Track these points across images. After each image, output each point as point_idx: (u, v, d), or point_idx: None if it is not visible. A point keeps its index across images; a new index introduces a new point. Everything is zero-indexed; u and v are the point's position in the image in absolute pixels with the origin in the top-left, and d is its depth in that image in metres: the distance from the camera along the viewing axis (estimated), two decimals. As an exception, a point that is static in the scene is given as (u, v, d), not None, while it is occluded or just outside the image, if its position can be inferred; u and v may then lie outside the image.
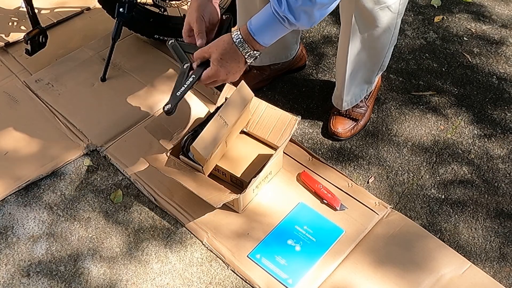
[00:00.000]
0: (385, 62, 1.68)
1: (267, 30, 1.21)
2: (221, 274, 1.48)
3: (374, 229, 1.55)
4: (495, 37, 2.19)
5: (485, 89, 1.98)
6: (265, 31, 1.21)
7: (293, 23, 1.17)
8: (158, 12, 2.01)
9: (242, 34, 1.23)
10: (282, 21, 1.17)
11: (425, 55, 2.12)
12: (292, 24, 1.17)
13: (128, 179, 1.69)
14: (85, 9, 2.28)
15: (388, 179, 1.70)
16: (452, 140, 1.81)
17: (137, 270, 1.49)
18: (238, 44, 1.23)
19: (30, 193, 1.66)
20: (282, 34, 1.22)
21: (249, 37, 1.22)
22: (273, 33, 1.21)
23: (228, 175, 1.60)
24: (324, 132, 1.83)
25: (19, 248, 1.54)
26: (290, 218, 1.57)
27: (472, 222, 1.60)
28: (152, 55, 2.08)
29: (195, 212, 1.58)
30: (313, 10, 1.13)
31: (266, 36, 1.22)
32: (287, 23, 1.17)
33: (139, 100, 1.90)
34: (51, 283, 1.47)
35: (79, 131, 1.81)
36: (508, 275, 1.48)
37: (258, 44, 1.23)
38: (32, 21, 1.88)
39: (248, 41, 1.23)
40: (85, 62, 2.05)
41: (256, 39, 1.22)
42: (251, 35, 1.21)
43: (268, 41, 1.23)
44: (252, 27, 1.22)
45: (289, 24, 1.17)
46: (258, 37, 1.21)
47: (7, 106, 1.90)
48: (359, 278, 1.45)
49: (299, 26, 1.18)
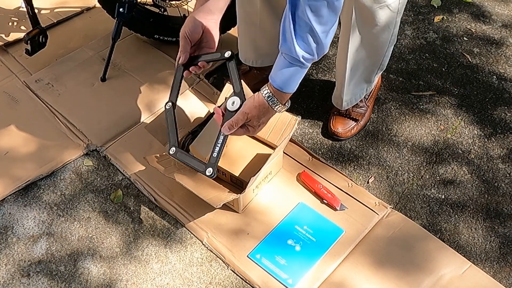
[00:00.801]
0: (384, 62, 1.68)
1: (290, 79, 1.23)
2: (221, 274, 1.48)
3: (374, 229, 1.55)
4: (495, 37, 2.19)
5: (485, 89, 1.98)
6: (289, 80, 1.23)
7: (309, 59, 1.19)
8: (158, 12, 2.01)
9: (272, 93, 1.26)
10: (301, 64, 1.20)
11: (425, 55, 2.12)
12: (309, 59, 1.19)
13: (128, 179, 1.69)
14: (85, 9, 2.28)
15: (388, 179, 1.70)
16: (452, 140, 1.81)
17: (137, 270, 1.49)
18: (271, 104, 1.27)
19: (30, 193, 1.66)
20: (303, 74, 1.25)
21: (279, 93, 1.25)
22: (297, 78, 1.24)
23: (228, 175, 1.60)
24: (324, 132, 1.83)
25: (19, 248, 1.54)
26: (290, 218, 1.57)
27: (472, 222, 1.60)
28: (152, 55, 2.08)
29: (195, 212, 1.58)
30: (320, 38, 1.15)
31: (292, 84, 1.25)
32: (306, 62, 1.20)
33: (139, 100, 1.90)
34: (51, 283, 1.47)
35: (79, 131, 1.81)
36: (508, 275, 1.48)
37: (287, 94, 1.27)
38: (32, 21, 1.88)
39: (279, 96, 1.26)
40: (85, 62, 2.05)
41: (284, 91, 1.25)
42: (279, 90, 1.25)
43: (295, 88, 1.26)
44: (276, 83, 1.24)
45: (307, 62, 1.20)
46: (286, 88, 1.24)
47: (7, 106, 1.90)
48: (359, 278, 1.45)
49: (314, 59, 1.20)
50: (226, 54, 1.41)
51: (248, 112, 1.30)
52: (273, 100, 1.26)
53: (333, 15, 1.13)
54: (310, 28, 1.13)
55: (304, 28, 1.13)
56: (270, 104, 1.27)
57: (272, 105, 1.27)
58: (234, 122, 1.31)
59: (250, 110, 1.30)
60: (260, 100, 1.27)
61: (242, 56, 1.85)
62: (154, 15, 2.02)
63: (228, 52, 1.41)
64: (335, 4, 1.10)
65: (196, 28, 1.39)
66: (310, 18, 1.11)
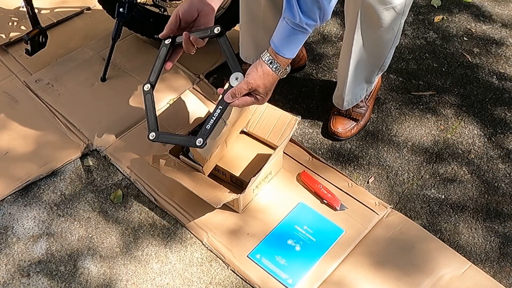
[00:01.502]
0: (386, 63, 1.68)
1: (291, 43, 1.25)
2: (221, 274, 1.48)
3: (374, 229, 1.55)
4: (495, 37, 2.19)
5: (485, 89, 1.98)
6: (289, 44, 1.25)
7: (312, 25, 1.20)
8: (158, 12, 2.01)
9: (274, 59, 1.27)
10: (303, 30, 1.21)
11: (425, 55, 2.12)
12: (312, 25, 1.20)
13: (128, 179, 1.69)
14: (85, 9, 2.28)
15: (388, 179, 1.70)
16: (452, 140, 1.81)
17: (137, 270, 1.49)
18: (270, 65, 1.27)
19: (30, 193, 1.66)
20: (304, 40, 1.26)
21: (280, 58, 1.26)
22: (297, 43, 1.25)
23: (228, 175, 1.60)
24: (324, 132, 1.83)
25: (19, 248, 1.54)
26: (290, 218, 1.57)
27: (472, 222, 1.60)
28: (152, 55, 2.08)
29: (195, 212, 1.58)
30: (323, 3, 1.16)
31: (292, 48, 1.26)
32: (308, 28, 1.21)
33: (139, 100, 1.90)
34: (51, 283, 1.47)
35: (79, 131, 1.81)
36: (508, 275, 1.48)
37: (286, 59, 1.27)
38: (32, 21, 1.88)
39: (281, 62, 1.27)
40: (85, 62, 2.05)
41: (284, 56, 1.26)
42: (278, 53, 1.25)
43: (294, 53, 1.27)
44: (276, 46, 1.25)
45: (310, 27, 1.21)
46: (285, 53, 1.25)
47: (7, 106, 1.90)
48: (359, 278, 1.45)
49: (317, 25, 1.21)
50: (215, 30, 1.35)
51: (252, 82, 1.29)
52: (274, 65, 1.27)
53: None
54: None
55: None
56: (273, 69, 1.27)
57: (275, 70, 1.27)
58: (237, 91, 1.31)
59: (254, 80, 1.29)
60: (264, 69, 1.28)
61: (243, 54, 1.85)
62: (154, 15, 2.02)
63: (218, 28, 1.35)
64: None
65: (191, 9, 1.37)
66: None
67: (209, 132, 1.33)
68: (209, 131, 1.33)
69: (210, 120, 1.34)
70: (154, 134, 1.38)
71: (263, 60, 1.28)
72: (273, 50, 1.26)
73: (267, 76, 1.28)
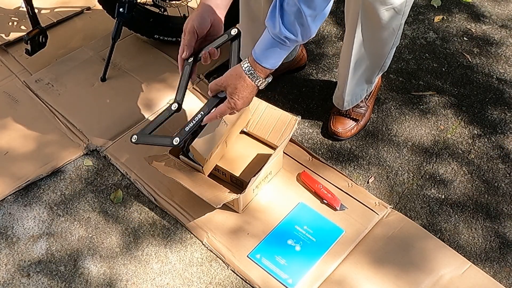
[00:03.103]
0: (386, 63, 1.68)
1: (270, 54, 1.22)
2: (221, 274, 1.48)
3: (374, 229, 1.55)
4: (495, 37, 2.19)
5: (485, 89, 1.98)
6: (269, 55, 1.23)
7: (292, 39, 1.18)
8: (158, 12, 2.01)
9: (251, 66, 1.25)
10: (283, 42, 1.19)
11: (425, 55, 2.12)
12: (292, 40, 1.18)
13: (128, 179, 1.69)
14: (85, 9, 2.28)
15: (388, 179, 1.70)
16: (452, 140, 1.81)
17: (137, 270, 1.49)
18: (248, 73, 1.26)
19: (30, 193, 1.66)
20: (286, 54, 1.24)
21: (257, 65, 1.24)
22: (277, 55, 1.23)
23: (228, 175, 1.60)
24: (324, 132, 1.83)
25: (19, 248, 1.54)
26: (290, 218, 1.57)
27: (472, 222, 1.60)
28: (152, 55, 2.08)
29: (195, 212, 1.58)
30: (307, 21, 1.14)
31: (271, 59, 1.23)
32: (288, 42, 1.19)
33: (139, 100, 1.90)
34: (51, 283, 1.47)
35: (79, 131, 1.81)
36: (508, 275, 1.48)
37: (265, 69, 1.25)
38: (32, 21, 1.88)
39: (259, 70, 1.25)
40: (85, 62, 2.05)
41: (263, 65, 1.24)
42: (257, 62, 1.23)
43: (274, 64, 1.25)
44: (256, 55, 1.24)
45: (290, 42, 1.19)
46: (264, 62, 1.23)
47: (7, 106, 1.90)
48: (359, 278, 1.45)
49: (298, 41, 1.19)
50: (232, 32, 1.38)
51: (224, 80, 1.29)
52: (251, 72, 1.25)
53: (324, 1, 1.12)
54: (298, 9, 1.12)
55: (292, 7, 1.12)
56: (248, 75, 1.25)
57: (251, 77, 1.25)
58: (210, 89, 1.32)
59: (226, 78, 1.29)
60: (237, 70, 1.26)
61: (242, 54, 1.85)
62: (154, 15, 2.02)
63: (235, 30, 1.38)
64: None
65: (204, 22, 1.37)
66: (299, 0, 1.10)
67: (187, 133, 1.38)
68: (187, 132, 1.38)
69: (190, 124, 1.38)
70: (136, 137, 1.44)
71: (242, 67, 1.26)
72: (253, 58, 1.24)
73: (239, 78, 1.27)
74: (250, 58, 1.25)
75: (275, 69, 1.27)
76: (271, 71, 1.27)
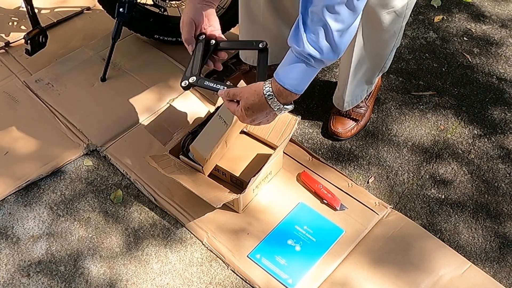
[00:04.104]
0: (386, 64, 1.68)
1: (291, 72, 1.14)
2: (221, 274, 1.48)
3: (374, 229, 1.55)
4: (495, 37, 2.19)
5: (485, 89, 1.98)
6: (289, 73, 1.14)
7: (318, 59, 1.11)
8: (158, 12, 2.01)
9: (273, 88, 1.17)
10: (308, 61, 1.11)
11: (425, 55, 2.12)
12: (318, 60, 1.11)
13: (128, 179, 1.69)
14: (85, 9, 2.28)
15: (388, 179, 1.70)
16: (452, 140, 1.81)
17: (137, 270, 1.49)
18: (268, 98, 1.18)
19: (30, 193, 1.66)
20: (309, 77, 1.16)
21: (280, 89, 1.16)
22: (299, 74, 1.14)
23: (228, 175, 1.60)
24: (324, 132, 1.83)
25: (19, 248, 1.54)
26: (290, 218, 1.57)
27: (472, 222, 1.60)
28: (152, 55, 2.08)
29: (195, 212, 1.58)
30: (333, 37, 1.07)
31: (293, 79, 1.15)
32: (313, 62, 1.11)
33: (139, 100, 1.90)
34: (51, 283, 1.47)
35: (79, 131, 1.81)
36: (508, 275, 1.48)
37: (291, 94, 1.16)
38: (32, 21, 1.88)
39: (279, 94, 1.17)
40: (85, 62, 2.05)
41: (287, 88, 1.15)
42: (282, 86, 1.15)
43: (300, 88, 1.16)
44: (279, 76, 1.16)
45: (316, 62, 1.12)
46: (287, 84, 1.15)
47: (7, 106, 1.90)
48: (359, 278, 1.45)
49: (323, 60, 1.11)
50: (260, 45, 1.35)
51: (241, 91, 1.23)
52: (271, 96, 1.17)
53: (352, 14, 1.05)
54: (324, 25, 1.05)
55: (317, 22, 1.06)
56: (267, 99, 1.18)
57: (269, 100, 1.18)
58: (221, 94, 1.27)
59: (243, 89, 1.23)
60: (258, 91, 1.19)
61: (242, 55, 1.85)
62: (154, 15, 2.02)
63: (263, 43, 1.35)
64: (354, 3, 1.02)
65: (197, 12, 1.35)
66: (324, 13, 1.04)
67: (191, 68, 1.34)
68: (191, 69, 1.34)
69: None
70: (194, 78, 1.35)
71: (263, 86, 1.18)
72: (274, 79, 1.16)
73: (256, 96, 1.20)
74: (273, 81, 1.17)
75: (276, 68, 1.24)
76: (292, 96, 1.18)
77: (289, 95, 1.17)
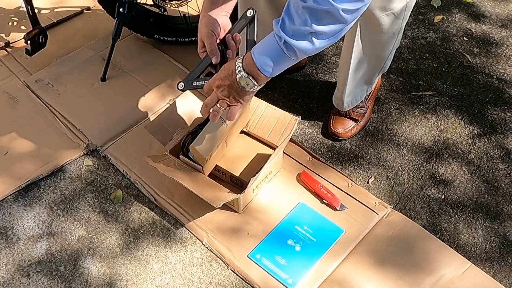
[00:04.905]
0: (386, 65, 1.69)
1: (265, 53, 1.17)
2: (221, 274, 1.48)
3: (374, 229, 1.55)
4: (495, 37, 2.19)
5: (485, 89, 1.98)
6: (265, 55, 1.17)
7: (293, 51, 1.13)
8: (158, 12, 2.01)
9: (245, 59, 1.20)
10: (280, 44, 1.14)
11: (425, 55, 2.12)
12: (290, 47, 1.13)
13: (128, 179, 1.69)
14: (85, 9, 2.28)
15: (388, 179, 1.70)
16: (452, 140, 1.81)
17: (137, 270, 1.49)
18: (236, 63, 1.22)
19: (30, 193, 1.66)
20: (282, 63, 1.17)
21: (251, 62, 1.19)
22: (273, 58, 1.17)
23: (228, 175, 1.60)
24: (324, 132, 1.83)
25: (19, 248, 1.54)
26: (290, 218, 1.57)
27: (472, 222, 1.60)
28: (152, 55, 2.08)
29: (195, 212, 1.58)
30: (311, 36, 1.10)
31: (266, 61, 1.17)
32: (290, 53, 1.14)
33: (139, 100, 1.90)
34: (51, 283, 1.47)
35: (79, 131, 1.81)
36: (508, 275, 1.48)
37: (258, 73, 1.19)
38: (32, 21, 1.88)
39: (251, 72, 1.20)
40: (85, 62, 2.05)
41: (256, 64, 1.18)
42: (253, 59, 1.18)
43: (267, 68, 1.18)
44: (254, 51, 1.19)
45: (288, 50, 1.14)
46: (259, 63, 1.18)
47: (7, 106, 1.90)
48: (359, 278, 1.45)
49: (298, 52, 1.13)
50: (248, 13, 1.34)
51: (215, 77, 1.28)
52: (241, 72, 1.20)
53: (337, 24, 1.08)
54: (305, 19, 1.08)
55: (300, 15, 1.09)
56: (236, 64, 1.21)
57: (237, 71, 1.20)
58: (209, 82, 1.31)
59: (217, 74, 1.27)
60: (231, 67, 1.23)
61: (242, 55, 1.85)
62: (154, 15, 2.02)
63: (250, 11, 1.33)
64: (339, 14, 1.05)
65: (215, 23, 1.36)
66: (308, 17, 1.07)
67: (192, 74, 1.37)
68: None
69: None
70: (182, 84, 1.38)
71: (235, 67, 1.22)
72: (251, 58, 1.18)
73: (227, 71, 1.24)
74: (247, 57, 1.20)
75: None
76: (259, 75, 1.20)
77: (257, 73, 1.19)
